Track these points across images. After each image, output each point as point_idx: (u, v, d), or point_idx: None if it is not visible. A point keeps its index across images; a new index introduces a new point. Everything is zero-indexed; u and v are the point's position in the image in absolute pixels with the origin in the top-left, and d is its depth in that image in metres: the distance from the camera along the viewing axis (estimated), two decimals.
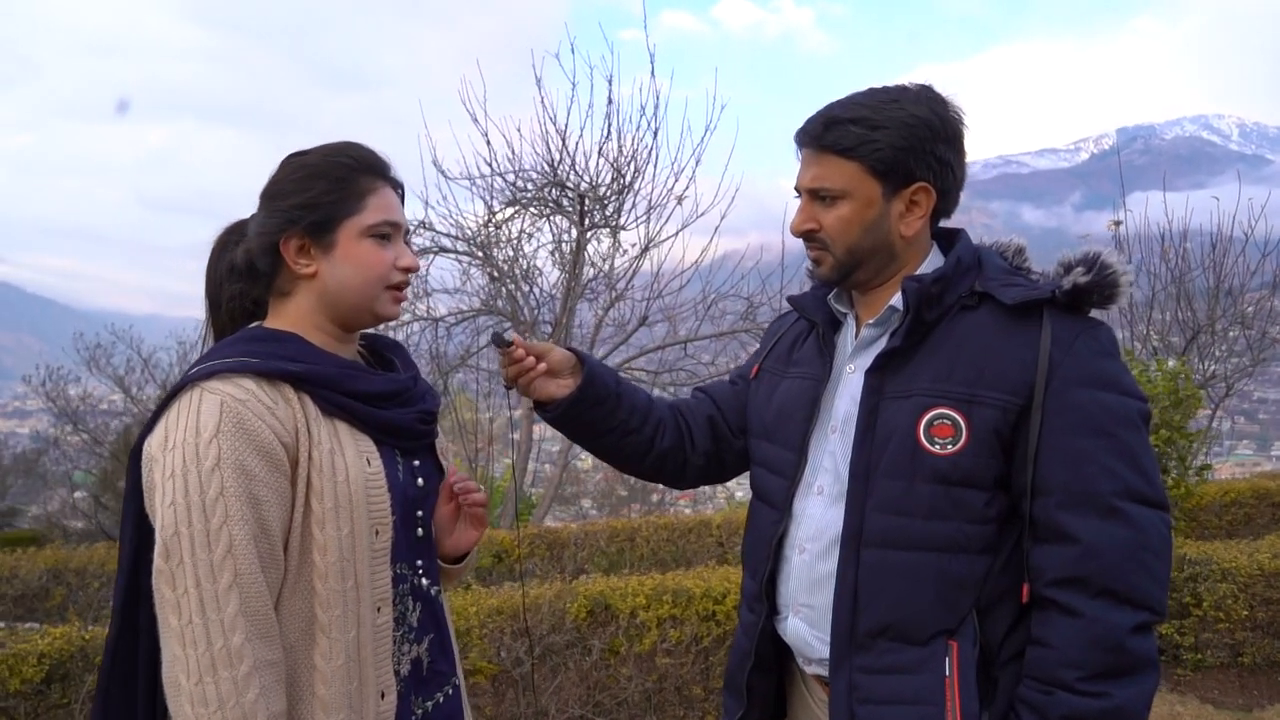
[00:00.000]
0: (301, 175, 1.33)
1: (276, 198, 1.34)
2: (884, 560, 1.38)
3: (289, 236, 1.32)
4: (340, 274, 1.34)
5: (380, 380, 1.38)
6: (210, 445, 1.17)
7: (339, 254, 1.34)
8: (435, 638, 1.45)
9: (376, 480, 1.31)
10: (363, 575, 1.28)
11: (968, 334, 1.39)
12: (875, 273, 1.48)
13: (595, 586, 3.63)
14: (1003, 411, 1.33)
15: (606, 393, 1.63)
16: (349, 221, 1.33)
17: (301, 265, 1.33)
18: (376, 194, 1.36)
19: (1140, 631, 1.27)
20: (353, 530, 1.27)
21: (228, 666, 1.13)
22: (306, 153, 1.38)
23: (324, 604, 1.25)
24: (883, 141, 1.39)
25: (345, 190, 1.34)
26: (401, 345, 1.56)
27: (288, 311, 1.37)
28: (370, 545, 1.29)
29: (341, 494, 1.26)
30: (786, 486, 1.53)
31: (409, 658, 1.39)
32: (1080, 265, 1.37)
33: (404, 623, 1.38)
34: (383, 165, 1.39)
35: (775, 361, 1.68)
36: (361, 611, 1.28)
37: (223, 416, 1.18)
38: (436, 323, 8.07)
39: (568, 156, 7.01)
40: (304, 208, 1.32)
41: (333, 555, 1.25)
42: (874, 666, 1.38)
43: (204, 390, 1.21)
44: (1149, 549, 1.28)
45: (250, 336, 1.32)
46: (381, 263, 1.36)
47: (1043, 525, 1.32)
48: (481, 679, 3.27)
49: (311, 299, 1.35)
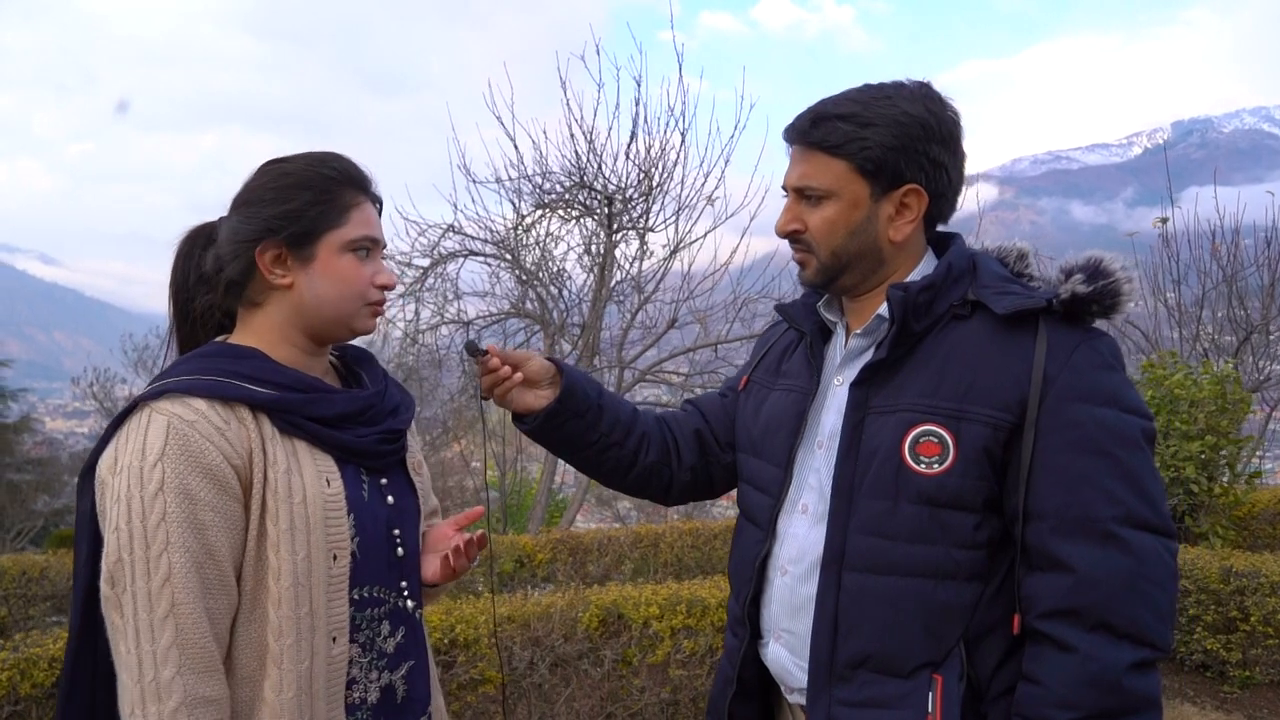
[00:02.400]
0: (284, 184, 1.29)
1: (254, 204, 1.29)
2: (866, 585, 1.29)
3: (266, 246, 1.27)
4: (318, 287, 1.29)
5: (341, 400, 1.32)
6: (154, 469, 1.13)
7: (318, 267, 1.29)
8: (416, 664, 1.38)
9: (336, 502, 1.26)
10: (318, 602, 1.23)
11: (958, 345, 1.30)
12: (863, 278, 1.40)
13: (608, 595, 3.56)
14: (993, 429, 1.24)
15: (587, 405, 1.56)
16: (330, 235, 1.29)
17: (277, 275, 1.29)
18: (359, 208, 1.32)
19: (1140, 669, 1.16)
20: (309, 555, 1.22)
21: (155, 700, 1.09)
22: (287, 161, 1.33)
23: (276, 632, 1.19)
24: (872, 140, 1.30)
25: (329, 202, 1.29)
26: (372, 356, 1.50)
27: (256, 323, 1.32)
28: (327, 571, 1.24)
29: (298, 516, 1.21)
30: (771, 504, 1.45)
31: (377, 685, 1.33)
32: (1080, 272, 1.27)
33: (373, 648, 1.32)
34: (365, 179, 1.35)
35: (764, 373, 1.60)
36: (316, 641, 1.22)
37: (169, 439, 1.15)
38: (467, 325, 8.09)
39: (594, 159, 6.97)
40: (285, 217, 1.27)
41: (287, 580, 1.20)
42: (853, 699, 1.29)
43: (153, 410, 1.17)
44: (1150, 579, 1.18)
45: (208, 353, 1.28)
46: (361, 279, 1.32)
47: (1035, 552, 1.23)
48: (490, 688, 3.22)
49: (284, 311, 1.31)
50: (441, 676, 3.15)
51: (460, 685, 3.20)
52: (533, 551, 5.21)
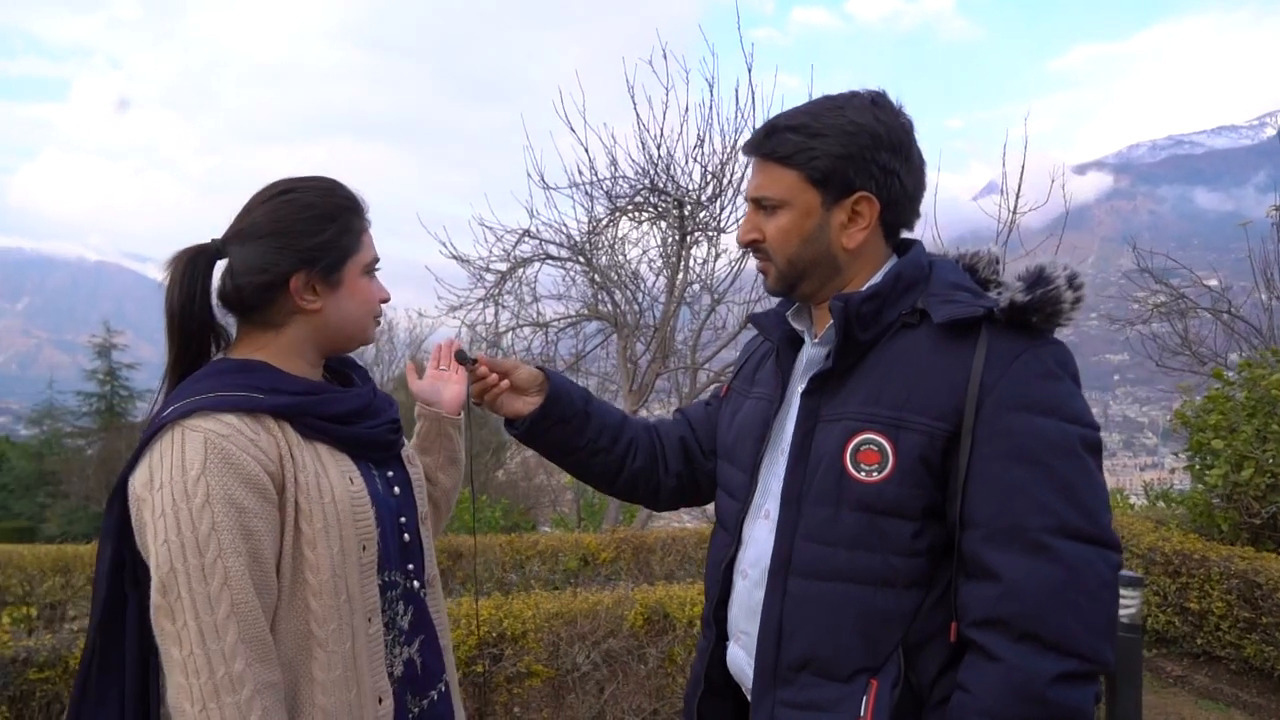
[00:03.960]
0: (310, 215, 1.37)
1: (284, 235, 1.36)
2: (809, 591, 1.32)
3: (300, 275, 1.36)
4: (345, 309, 1.41)
5: (350, 399, 1.44)
6: (198, 482, 1.20)
7: (345, 291, 1.40)
8: (425, 638, 1.50)
9: (360, 498, 1.37)
10: (354, 589, 1.34)
11: (901, 354, 1.32)
12: (820, 285, 1.43)
13: (654, 594, 3.63)
14: (929, 437, 1.25)
15: (573, 411, 1.64)
16: (353, 260, 1.40)
17: (308, 301, 1.38)
18: (366, 232, 1.44)
19: (1065, 681, 1.15)
20: (342, 547, 1.32)
21: (230, 692, 1.19)
22: (296, 191, 1.40)
23: (319, 620, 1.30)
24: (819, 149, 1.34)
25: (349, 231, 1.40)
26: (354, 359, 1.60)
27: (270, 341, 1.40)
28: (359, 560, 1.35)
29: (329, 514, 1.32)
30: (739, 510, 1.50)
31: (402, 660, 1.45)
32: (1023, 280, 1.27)
33: (394, 627, 1.44)
34: (364, 204, 1.46)
35: (742, 381, 1.64)
36: (355, 623, 1.34)
37: (208, 453, 1.22)
38: (545, 327, 8.29)
39: (663, 162, 7.04)
40: (319, 249, 1.36)
41: (325, 573, 1.30)
42: (795, 701, 1.33)
43: (186, 428, 1.24)
44: (1081, 589, 1.17)
45: (221, 370, 1.36)
46: (375, 297, 1.45)
47: (969, 560, 1.24)
48: (537, 682, 3.34)
49: (306, 331, 1.40)
50: (490, 669, 3.28)
51: (508, 678, 3.33)
52: (596, 550, 5.32)
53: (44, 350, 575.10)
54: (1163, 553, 5.27)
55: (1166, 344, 9.80)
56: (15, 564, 6.06)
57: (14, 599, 5.90)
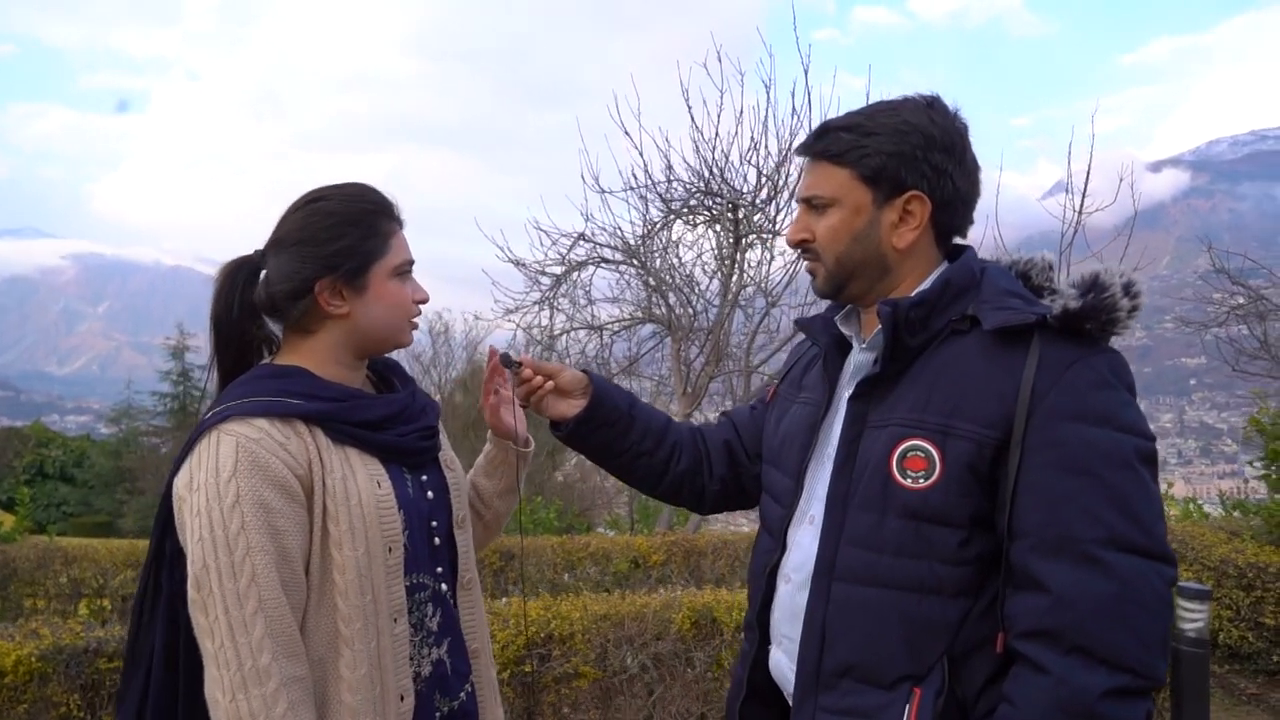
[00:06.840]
0: (332, 223, 1.41)
1: (308, 244, 1.40)
2: (852, 596, 1.31)
3: (325, 281, 1.40)
4: (373, 313, 1.43)
5: (381, 405, 1.47)
6: (229, 484, 1.26)
7: (371, 295, 1.43)
8: (453, 640, 1.53)
9: (387, 501, 1.40)
10: (379, 590, 1.37)
11: (951, 361, 1.30)
12: (869, 286, 1.42)
13: (702, 598, 3.62)
14: (978, 445, 1.23)
15: (617, 415, 1.65)
16: (379, 264, 1.43)
17: (335, 306, 1.41)
18: (395, 235, 1.46)
19: (1116, 697, 1.12)
20: (368, 550, 1.36)
21: (257, 684, 1.24)
22: (324, 199, 1.44)
23: (346, 619, 1.34)
24: (872, 147, 1.34)
25: (374, 235, 1.43)
26: (398, 363, 1.63)
27: (307, 347, 1.44)
28: (385, 562, 1.38)
29: (355, 517, 1.36)
30: (784, 515, 1.49)
31: (429, 660, 1.47)
32: (1078, 287, 1.24)
33: (423, 628, 1.47)
34: (395, 207, 1.48)
35: (789, 386, 1.63)
36: (380, 623, 1.37)
37: (239, 456, 1.27)
38: (600, 330, 8.34)
39: (717, 165, 7.02)
40: (340, 255, 1.40)
41: (351, 574, 1.34)
42: (836, 707, 1.31)
43: (221, 433, 1.30)
44: (1134, 602, 1.13)
45: (259, 376, 1.41)
46: (407, 300, 1.47)
47: (1017, 571, 1.21)
48: (585, 683, 3.35)
49: (338, 335, 1.44)
50: (538, 669, 3.31)
51: (556, 678, 3.36)
52: (647, 553, 5.33)
53: (123, 352, 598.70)
54: (1236, 565, 5.06)
55: (1244, 347, 9.41)
56: (91, 558, 6.32)
57: (90, 591, 6.16)
